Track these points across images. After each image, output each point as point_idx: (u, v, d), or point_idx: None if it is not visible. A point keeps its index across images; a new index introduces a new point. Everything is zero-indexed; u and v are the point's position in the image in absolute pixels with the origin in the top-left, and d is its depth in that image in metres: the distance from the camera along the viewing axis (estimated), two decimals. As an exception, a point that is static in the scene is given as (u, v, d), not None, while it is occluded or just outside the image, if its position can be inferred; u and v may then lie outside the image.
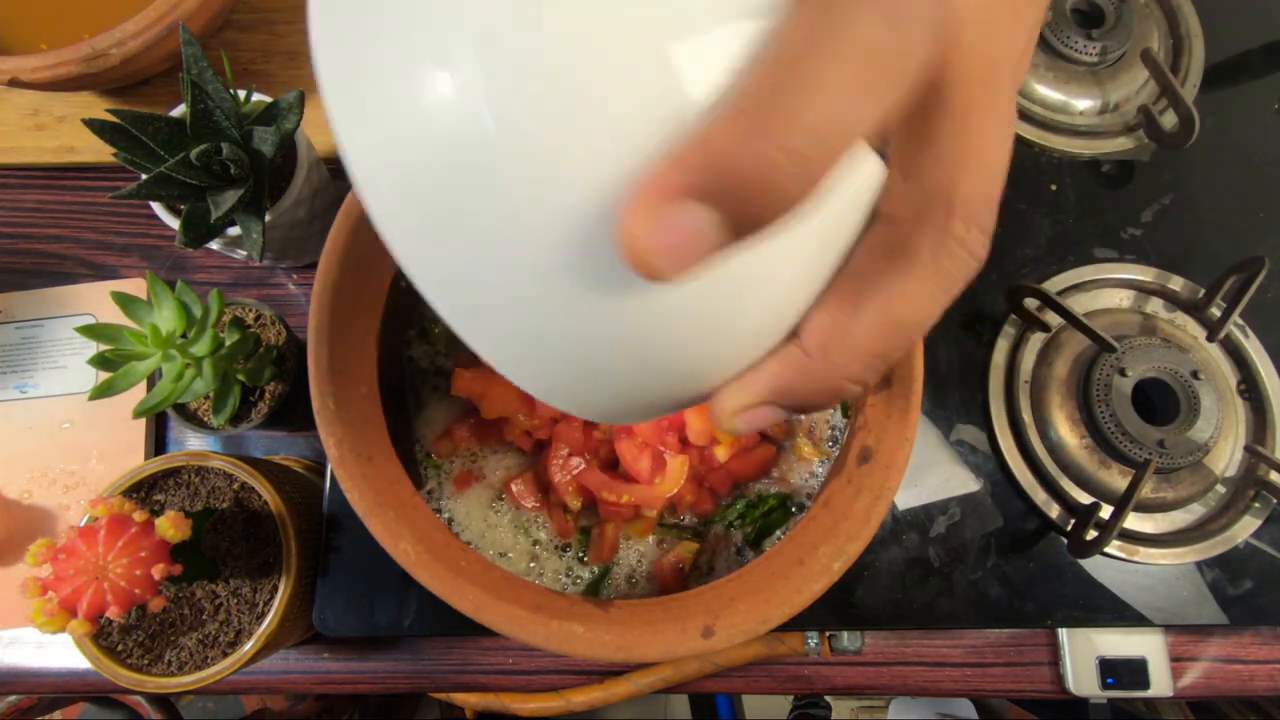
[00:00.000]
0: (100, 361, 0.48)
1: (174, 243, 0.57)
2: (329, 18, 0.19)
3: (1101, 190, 0.63)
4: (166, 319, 0.49)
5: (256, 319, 0.58)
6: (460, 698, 0.63)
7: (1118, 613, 0.53)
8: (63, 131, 0.67)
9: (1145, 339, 0.55)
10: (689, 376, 0.23)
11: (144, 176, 0.48)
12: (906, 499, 0.55)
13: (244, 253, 0.58)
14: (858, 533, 0.40)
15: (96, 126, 0.49)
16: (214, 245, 0.57)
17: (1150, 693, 0.57)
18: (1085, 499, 0.55)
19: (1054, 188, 0.63)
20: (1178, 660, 0.60)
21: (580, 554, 0.50)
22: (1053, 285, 0.60)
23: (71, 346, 0.64)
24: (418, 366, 0.52)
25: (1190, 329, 0.59)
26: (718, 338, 0.22)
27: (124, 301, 0.49)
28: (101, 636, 0.48)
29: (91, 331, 0.49)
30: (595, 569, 0.49)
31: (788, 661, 0.61)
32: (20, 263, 0.67)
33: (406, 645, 0.62)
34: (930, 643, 0.61)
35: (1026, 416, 0.56)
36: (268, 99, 0.55)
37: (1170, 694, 0.58)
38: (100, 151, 0.65)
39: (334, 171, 0.65)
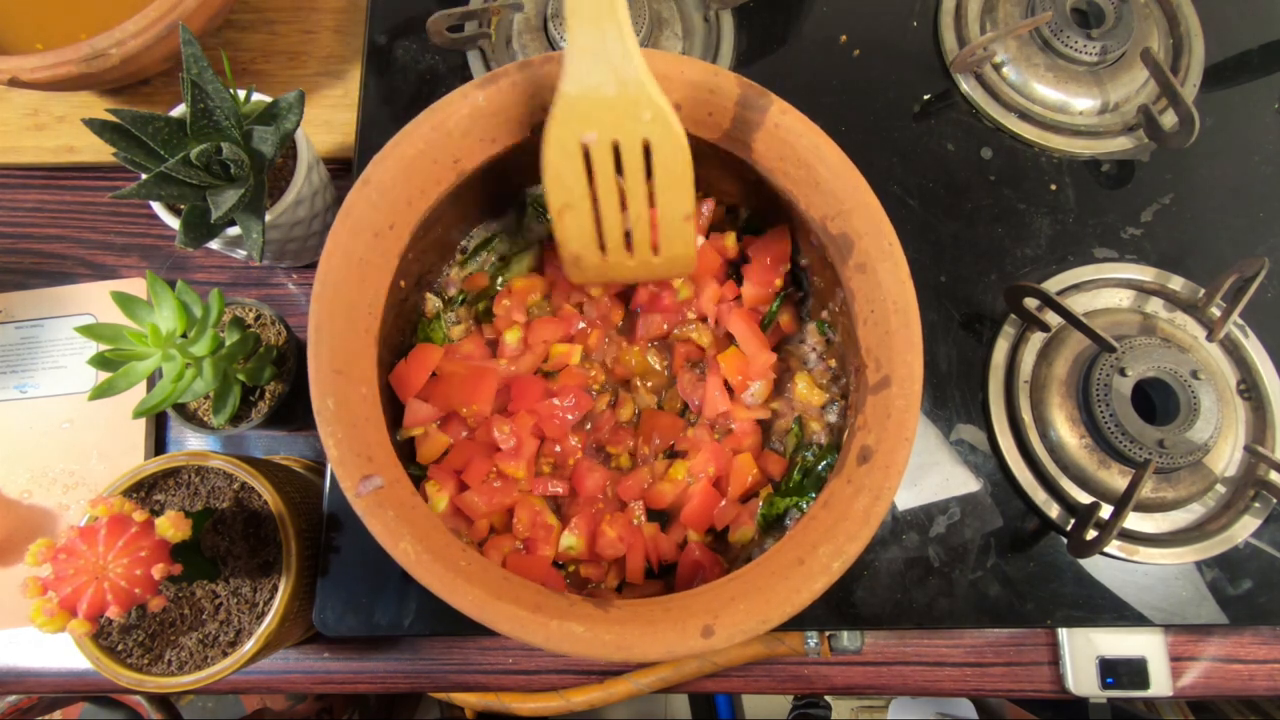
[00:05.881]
0: (100, 361, 0.48)
1: (174, 243, 0.57)
2: None
3: (1101, 190, 0.63)
4: (166, 319, 0.49)
5: (256, 319, 0.58)
6: (460, 697, 0.63)
7: (1118, 612, 0.53)
8: (63, 131, 0.67)
9: (1145, 339, 0.55)
10: None
11: (144, 176, 0.48)
12: (906, 499, 0.55)
13: (244, 253, 0.58)
14: (857, 533, 0.40)
15: (96, 126, 0.49)
16: (214, 245, 0.57)
17: (1150, 692, 0.57)
18: (1085, 499, 0.55)
19: (1054, 188, 0.63)
20: (1177, 660, 0.60)
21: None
22: (1053, 285, 0.60)
23: (71, 346, 0.64)
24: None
25: (1190, 329, 0.59)
26: None
27: (124, 301, 0.49)
28: (101, 636, 0.48)
29: (91, 331, 0.49)
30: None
31: (788, 661, 0.61)
32: (20, 263, 0.67)
33: (406, 645, 0.62)
34: (930, 642, 0.61)
35: (1026, 416, 0.56)
36: (268, 99, 0.55)
37: (1170, 694, 0.58)
38: (100, 151, 0.65)
39: (334, 171, 0.65)
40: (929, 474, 0.55)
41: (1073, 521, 0.54)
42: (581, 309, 0.54)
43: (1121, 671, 0.58)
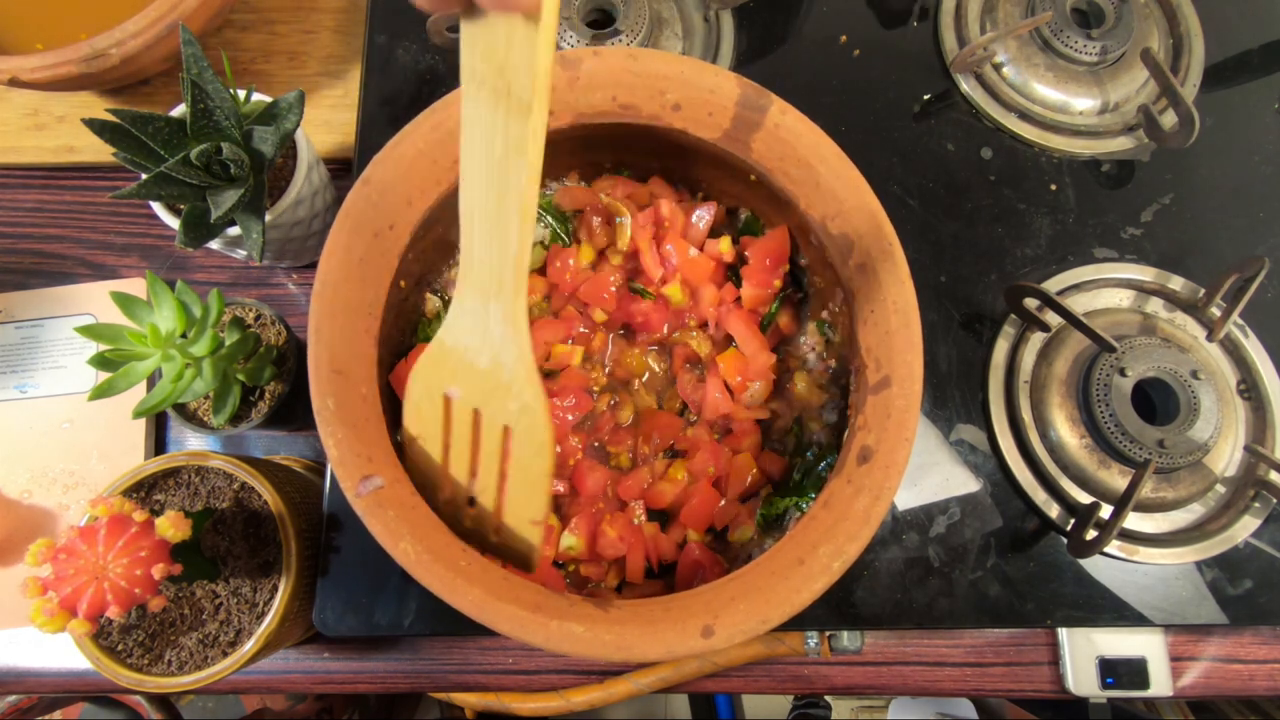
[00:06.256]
0: (100, 361, 0.48)
1: (174, 243, 0.57)
2: None
3: (1101, 190, 0.63)
4: (166, 319, 0.49)
5: (256, 319, 0.58)
6: (460, 697, 0.63)
7: (1118, 612, 0.53)
8: (63, 131, 0.67)
9: (1145, 339, 0.55)
10: None
11: (144, 176, 0.48)
12: (906, 499, 0.55)
13: (244, 253, 0.58)
14: (857, 533, 0.40)
15: (96, 126, 0.49)
16: (214, 245, 0.57)
17: (1150, 692, 0.57)
18: (1085, 499, 0.55)
19: (1054, 188, 0.63)
20: (1177, 660, 0.60)
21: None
22: (1053, 285, 0.60)
23: (71, 346, 0.64)
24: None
25: (1190, 329, 0.59)
26: None
27: (124, 301, 0.49)
28: (101, 636, 0.48)
29: (91, 331, 0.49)
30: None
31: (788, 661, 0.61)
32: (20, 263, 0.67)
33: (406, 645, 0.62)
34: (930, 642, 0.61)
35: (1026, 416, 0.56)
36: (268, 99, 0.55)
37: (1170, 694, 0.58)
38: (100, 151, 0.65)
39: (334, 171, 0.65)
40: (929, 474, 0.55)
41: (1073, 521, 0.54)
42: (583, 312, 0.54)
43: (1121, 671, 0.58)
